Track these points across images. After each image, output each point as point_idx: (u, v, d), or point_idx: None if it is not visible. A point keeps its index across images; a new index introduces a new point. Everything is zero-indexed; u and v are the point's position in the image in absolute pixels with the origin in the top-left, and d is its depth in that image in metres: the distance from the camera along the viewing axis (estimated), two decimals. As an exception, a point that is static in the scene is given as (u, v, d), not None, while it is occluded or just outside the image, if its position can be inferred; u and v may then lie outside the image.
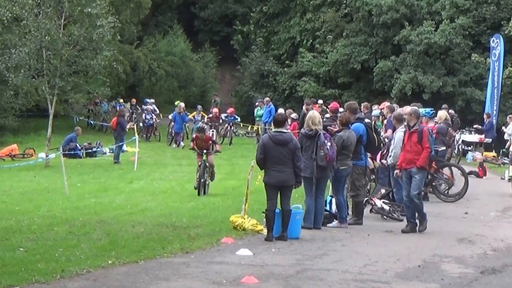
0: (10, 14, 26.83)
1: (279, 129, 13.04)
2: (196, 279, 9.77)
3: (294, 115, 28.42)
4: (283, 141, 12.73)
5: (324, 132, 14.16)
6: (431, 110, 19.85)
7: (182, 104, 35.33)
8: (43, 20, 26.77)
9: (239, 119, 37.38)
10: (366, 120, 16.37)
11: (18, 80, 27.62)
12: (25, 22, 26.96)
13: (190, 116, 35.66)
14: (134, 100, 42.80)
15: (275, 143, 12.71)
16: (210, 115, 33.57)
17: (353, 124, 15.26)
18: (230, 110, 37.16)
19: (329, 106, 17.47)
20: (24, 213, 15.45)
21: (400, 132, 16.18)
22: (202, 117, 35.45)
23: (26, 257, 10.79)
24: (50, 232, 13.06)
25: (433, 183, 18.72)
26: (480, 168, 24.79)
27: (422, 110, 20.48)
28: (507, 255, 12.34)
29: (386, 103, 20.19)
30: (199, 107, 37.02)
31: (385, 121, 18.92)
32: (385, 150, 17.01)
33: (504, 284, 10.28)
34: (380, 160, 17.24)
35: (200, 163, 19.33)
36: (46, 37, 26.72)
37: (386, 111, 19.31)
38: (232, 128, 35.71)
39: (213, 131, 30.73)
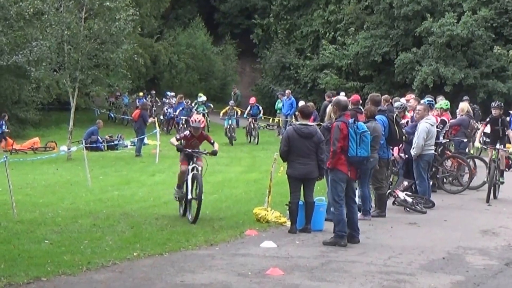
0: (32, 9, 27.02)
1: (304, 122, 12.99)
2: (222, 271, 9.80)
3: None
4: (308, 134, 12.68)
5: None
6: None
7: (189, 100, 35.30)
8: (64, 14, 26.91)
9: (261, 110, 35.30)
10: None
11: (39, 74, 27.81)
12: (46, 16, 27.11)
13: (222, 112, 34.07)
14: (153, 91, 42.88)
15: (300, 136, 12.65)
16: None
17: (375, 116, 15.21)
18: (252, 100, 34.71)
19: (350, 98, 17.29)
20: (48, 206, 15.55)
21: (424, 123, 16.17)
22: (236, 112, 33.25)
23: (52, 249, 10.88)
24: (75, 224, 13.15)
25: (437, 176, 18.55)
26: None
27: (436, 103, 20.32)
28: (532, 247, 12.28)
29: (411, 95, 19.80)
30: (231, 102, 34.01)
31: (410, 114, 18.47)
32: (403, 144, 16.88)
33: (529, 276, 10.23)
34: (398, 154, 17.16)
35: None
36: (66, 32, 26.86)
37: (414, 103, 18.83)
38: (256, 123, 33.03)
39: None
